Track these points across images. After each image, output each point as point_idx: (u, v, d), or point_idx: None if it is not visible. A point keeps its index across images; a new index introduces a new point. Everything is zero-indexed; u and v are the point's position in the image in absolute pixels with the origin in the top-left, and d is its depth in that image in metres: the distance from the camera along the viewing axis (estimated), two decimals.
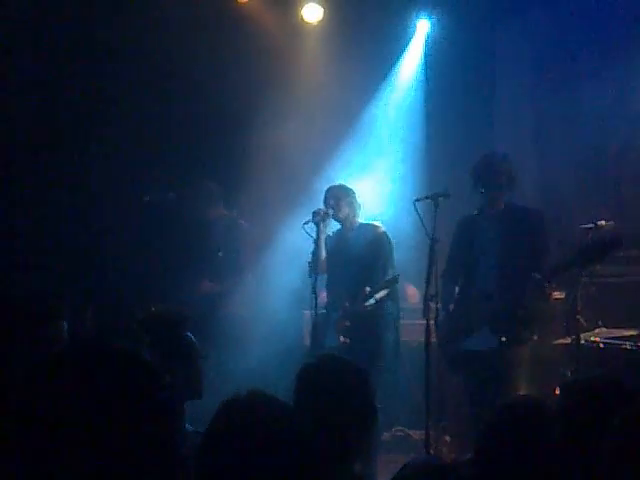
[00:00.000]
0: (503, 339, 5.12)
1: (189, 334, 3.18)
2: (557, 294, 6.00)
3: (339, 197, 6.06)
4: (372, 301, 5.77)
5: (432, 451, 5.44)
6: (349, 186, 6.17)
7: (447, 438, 6.67)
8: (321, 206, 6.10)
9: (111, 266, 6.85)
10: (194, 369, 3.12)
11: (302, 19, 7.98)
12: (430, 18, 7.96)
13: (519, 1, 7.68)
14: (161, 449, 1.68)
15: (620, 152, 7.48)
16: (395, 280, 5.82)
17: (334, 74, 7.69)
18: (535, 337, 5.45)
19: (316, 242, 5.97)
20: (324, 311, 6.06)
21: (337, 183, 6.22)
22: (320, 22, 7.98)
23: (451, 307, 5.49)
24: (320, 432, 2.27)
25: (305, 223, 5.98)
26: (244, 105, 7.56)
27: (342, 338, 5.85)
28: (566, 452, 2.36)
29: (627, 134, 7.40)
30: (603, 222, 5.72)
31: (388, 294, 5.86)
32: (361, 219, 6.16)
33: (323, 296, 6.20)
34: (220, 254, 6.88)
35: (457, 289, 5.54)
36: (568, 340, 5.86)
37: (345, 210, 6.06)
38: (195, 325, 3.36)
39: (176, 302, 6.44)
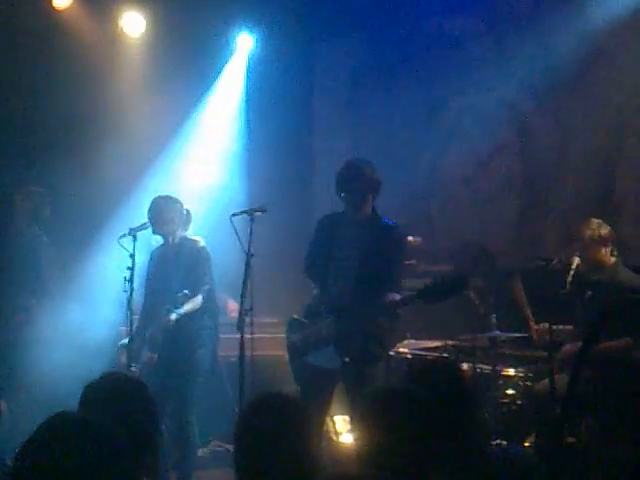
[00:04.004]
0: (346, 360, 5.07)
1: None
2: None
3: (160, 209, 5.91)
4: (175, 316, 5.74)
5: None
6: (175, 197, 6.00)
7: None
8: (140, 219, 5.97)
9: None
10: None
11: (122, 30, 7.86)
12: (252, 33, 8.05)
13: (338, 22, 7.88)
14: None
15: (430, 168, 7.79)
16: (187, 295, 5.77)
17: (156, 85, 7.63)
18: (387, 352, 5.39)
19: (132, 256, 5.83)
20: (141, 326, 5.96)
21: (163, 194, 6.03)
22: (142, 34, 7.87)
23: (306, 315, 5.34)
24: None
25: (121, 237, 5.82)
26: (62, 116, 7.37)
27: (149, 354, 5.78)
28: None
29: (437, 149, 7.71)
30: (411, 238, 5.94)
31: (203, 309, 5.84)
32: (190, 231, 6.01)
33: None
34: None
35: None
36: None
37: (166, 223, 5.93)
38: None
39: None
